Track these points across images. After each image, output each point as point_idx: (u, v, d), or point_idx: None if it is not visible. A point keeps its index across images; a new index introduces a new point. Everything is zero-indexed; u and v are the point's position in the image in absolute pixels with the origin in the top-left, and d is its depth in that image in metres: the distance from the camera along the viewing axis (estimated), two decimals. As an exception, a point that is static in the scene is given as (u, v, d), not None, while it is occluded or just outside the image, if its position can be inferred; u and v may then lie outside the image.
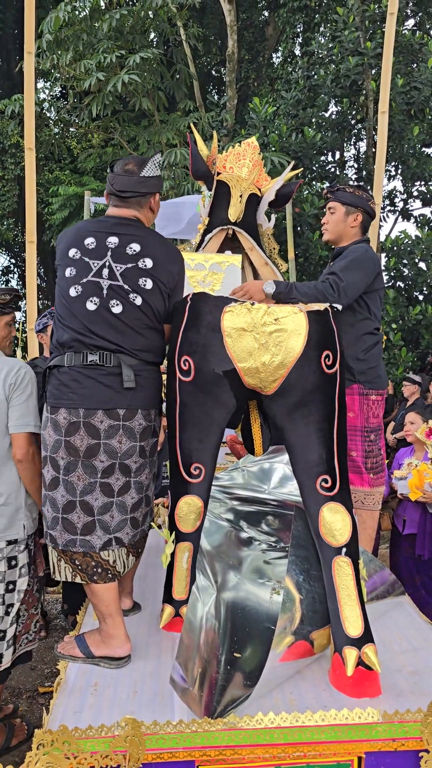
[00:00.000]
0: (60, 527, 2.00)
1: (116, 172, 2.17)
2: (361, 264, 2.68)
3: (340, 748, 1.72)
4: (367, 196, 2.89)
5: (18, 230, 12.76)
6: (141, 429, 2.05)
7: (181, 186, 7.92)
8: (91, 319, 1.99)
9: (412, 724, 1.71)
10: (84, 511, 1.99)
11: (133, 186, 2.14)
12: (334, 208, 2.91)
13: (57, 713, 1.79)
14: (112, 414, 1.98)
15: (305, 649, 1.96)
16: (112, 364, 1.99)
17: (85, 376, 1.97)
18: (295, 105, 7.98)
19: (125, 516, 2.05)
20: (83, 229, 2.11)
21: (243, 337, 1.97)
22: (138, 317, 2.03)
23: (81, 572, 2.02)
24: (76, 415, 1.96)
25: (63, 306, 2.05)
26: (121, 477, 2.02)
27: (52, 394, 2.02)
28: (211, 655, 1.93)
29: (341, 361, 2.04)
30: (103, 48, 7.75)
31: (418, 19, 10.16)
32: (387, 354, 6.96)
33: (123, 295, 2.02)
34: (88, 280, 2.01)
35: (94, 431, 1.97)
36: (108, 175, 2.22)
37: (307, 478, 2.00)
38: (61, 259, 2.10)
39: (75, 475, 1.98)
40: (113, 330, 2.00)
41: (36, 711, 2.83)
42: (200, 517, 2.12)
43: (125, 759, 1.62)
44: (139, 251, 2.05)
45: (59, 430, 1.98)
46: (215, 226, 3.42)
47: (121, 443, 2.01)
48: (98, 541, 2.01)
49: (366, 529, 2.87)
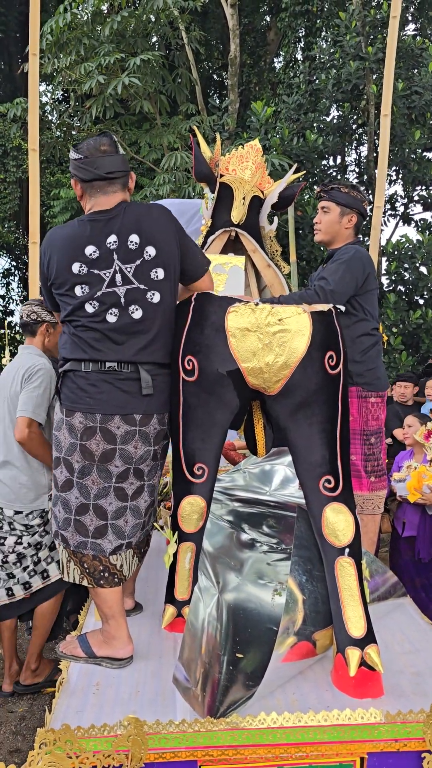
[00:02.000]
0: (72, 528, 1.99)
1: (93, 154, 1.97)
2: (350, 266, 2.64)
3: (342, 748, 1.71)
4: (362, 197, 2.84)
5: (19, 233, 12.77)
6: (155, 433, 2.04)
7: (182, 189, 7.93)
8: (112, 330, 1.95)
9: (415, 725, 1.71)
10: (97, 515, 1.98)
11: (120, 165, 1.99)
12: (328, 208, 2.85)
13: (59, 712, 1.78)
14: (128, 419, 1.97)
15: (308, 650, 1.96)
16: (129, 369, 1.97)
17: (102, 381, 1.95)
18: (296, 109, 8.00)
19: (139, 520, 2.05)
20: (78, 236, 1.95)
21: (247, 337, 1.97)
22: (157, 318, 2.00)
23: (88, 576, 2.02)
24: (92, 419, 1.94)
25: (78, 323, 1.96)
26: (135, 481, 2.02)
27: (68, 398, 1.98)
28: (214, 656, 1.93)
29: (345, 362, 2.04)
30: (105, 51, 7.77)
31: (419, 24, 10.21)
32: (387, 358, 6.96)
33: (141, 296, 1.97)
34: (104, 292, 1.94)
35: (111, 437, 1.95)
36: (79, 160, 1.98)
37: (309, 479, 2.00)
38: (62, 274, 1.94)
39: (90, 479, 1.97)
40: (133, 338, 1.97)
41: (37, 712, 2.82)
42: (203, 518, 2.13)
43: (127, 758, 1.62)
44: (139, 242, 1.96)
45: (75, 433, 1.96)
46: (218, 228, 3.42)
47: (137, 448, 1.99)
48: (109, 546, 2.00)
49: (367, 532, 2.85)
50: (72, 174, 2.05)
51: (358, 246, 2.79)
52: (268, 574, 2.27)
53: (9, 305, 14.29)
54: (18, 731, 2.71)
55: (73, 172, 2.03)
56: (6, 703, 2.92)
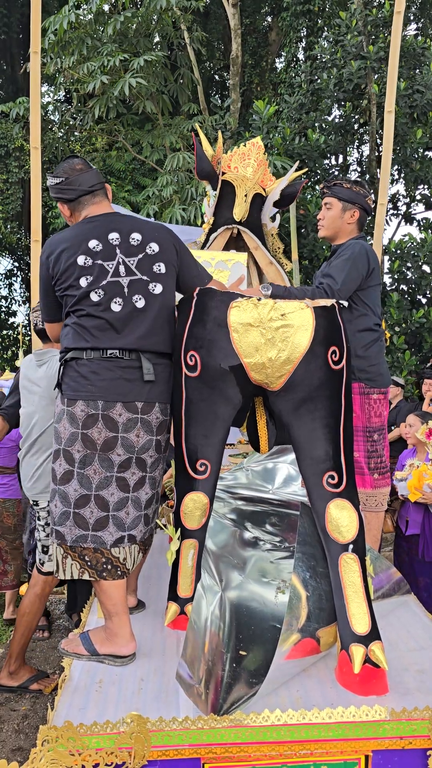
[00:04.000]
0: (70, 522, 1.98)
1: (72, 174, 2.10)
2: (354, 261, 2.64)
3: (347, 746, 1.70)
4: (365, 192, 2.83)
5: (21, 233, 12.78)
6: (158, 423, 2.05)
7: (185, 190, 7.93)
8: (115, 319, 1.99)
9: (420, 722, 1.70)
10: (98, 506, 1.97)
11: (97, 178, 2.13)
12: (331, 204, 2.85)
13: (61, 710, 1.77)
14: (130, 407, 1.98)
15: (311, 647, 1.94)
16: (131, 357, 2.00)
17: (104, 368, 1.97)
18: (298, 109, 8.00)
19: (140, 512, 2.04)
20: (80, 233, 2.03)
21: (249, 332, 1.96)
22: (158, 308, 2.05)
23: (90, 569, 2.01)
24: (94, 407, 1.95)
25: (82, 312, 1.99)
26: (137, 472, 2.02)
27: (70, 387, 1.99)
28: (217, 654, 1.92)
29: (348, 357, 2.03)
30: (107, 51, 7.78)
31: (420, 24, 10.21)
32: (390, 357, 6.95)
33: (143, 287, 2.03)
34: (108, 281, 2.00)
35: (113, 424, 1.96)
36: (60, 183, 2.11)
37: (313, 475, 1.99)
38: (69, 267, 2.00)
39: (91, 468, 1.96)
40: (135, 326, 2.00)
41: (40, 711, 2.81)
42: (206, 514, 2.11)
43: (130, 756, 1.60)
44: (141, 239, 2.05)
45: (76, 422, 1.96)
46: (220, 225, 3.42)
47: (139, 437, 2.00)
48: (110, 538, 1.99)
49: (371, 530, 2.84)
50: (56, 198, 2.15)
51: (362, 241, 2.78)
52: (271, 572, 2.25)
53: (12, 306, 14.31)
54: (20, 729, 2.70)
55: (58, 196, 2.14)
56: (8, 701, 2.91)
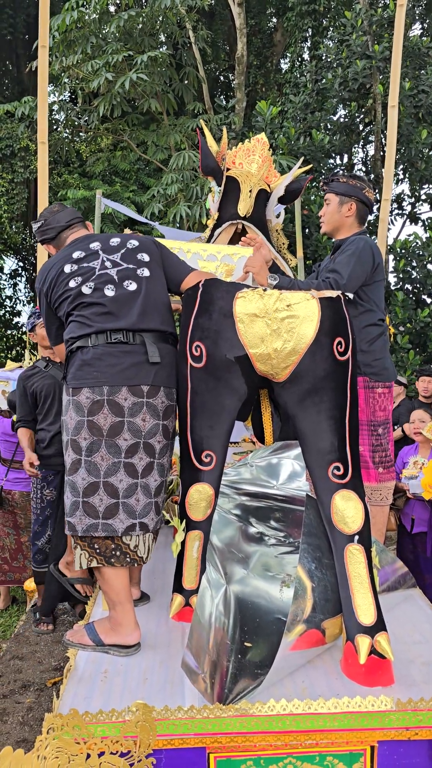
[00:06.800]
0: (80, 512, 1.98)
1: (49, 216, 2.33)
2: (359, 257, 2.65)
3: (352, 736, 1.70)
4: (361, 185, 2.83)
5: (26, 234, 12.79)
6: (164, 407, 2.06)
7: (190, 188, 7.94)
8: (111, 302, 2.05)
9: (426, 713, 1.70)
10: (108, 493, 1.98)
11: (73, 214, 2.35)
12: (329, 200, 2.87)
13: (67, 699, 1.77)
14: (135, 391, 1.99)
15: (317, 639, 1.94)
16: (135, 341, 2.03)
17: (109, 353, 2.00)
18: (303, 108, 8.00)
19: (150, 500, 2.05)
20: (62, 253, 2.20)
21: (255, 322, 1.96)
22: (150, 289, 2.11)
23: (98, 555, 2.01)
24: (99, 393, 1.97)
25: (79, 305, 2.08)
26: (145, 457, 2.03)
27: (75, 376, 2.02)
28: (222, 646, 1.92)
29: (353, 349, 2.03)
30: (112, 49, 7.80)
31: (426, 24, 10.19)
32: (395, 357, 6.93)
33: (131, 273, 2.12)
34: (97, 275, 2.10)
35: (118, 409, 1.97)
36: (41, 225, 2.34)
37: (318, 466, 1.99)
38: (57, 278, 2.13)
39: (98, 455, 1.97)
40: (132, 307, 2.06)
41: (45, 703, 2.81)
42: (211, 505, 2.11)
43: (135, 745, 1.60)
44: (120, 240, 2.20)
45: (81, 410, 1.98)
46: (225, 220, 3.43)
47: (145, 421, 2.01)
48: (121, 525, 1.99)
49: (376, 524, 2.83)
50: (41, 241, 2.37)
51: (366, 237, 2.79)
52: (276, 567, 2.25)
53: (16, 306, 14.33)
54: (25, 722, 2.70)
55: (42, 238, 2.35)
56: (13, 694, 2.91)
